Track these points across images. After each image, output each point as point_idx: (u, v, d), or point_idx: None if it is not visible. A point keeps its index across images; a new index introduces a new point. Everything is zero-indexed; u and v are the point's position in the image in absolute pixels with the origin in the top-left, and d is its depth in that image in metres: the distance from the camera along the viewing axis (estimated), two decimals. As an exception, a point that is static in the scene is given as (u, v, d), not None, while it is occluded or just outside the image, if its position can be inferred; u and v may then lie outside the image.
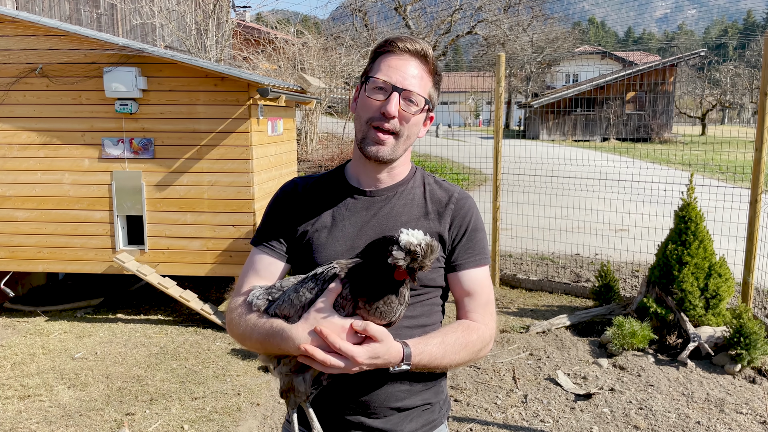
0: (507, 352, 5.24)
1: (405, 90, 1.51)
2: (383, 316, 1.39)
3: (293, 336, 1.38)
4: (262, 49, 15.85)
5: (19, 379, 4.71)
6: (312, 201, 1.65)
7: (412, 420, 1.60)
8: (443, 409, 1.70)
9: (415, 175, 1.68)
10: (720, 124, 42.90)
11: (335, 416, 1.58)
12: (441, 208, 1.62)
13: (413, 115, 1.54)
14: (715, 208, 6.38)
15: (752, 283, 5.40)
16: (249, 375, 4.82)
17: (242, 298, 1.56)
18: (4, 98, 5.84)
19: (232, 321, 1.55)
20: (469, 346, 1.53)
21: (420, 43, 1.55)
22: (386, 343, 1.38)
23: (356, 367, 1.36)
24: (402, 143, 1.57)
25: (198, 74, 5.74)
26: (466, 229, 1.61)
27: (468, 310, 1.61)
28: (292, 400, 1.48)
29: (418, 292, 1.57)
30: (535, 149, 10.51)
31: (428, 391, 1.63)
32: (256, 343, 1.49)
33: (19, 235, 6.02)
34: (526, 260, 8.06)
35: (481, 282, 1.62)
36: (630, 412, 4.18)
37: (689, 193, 5.28)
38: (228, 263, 5.91)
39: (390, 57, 1.54)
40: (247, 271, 1.64)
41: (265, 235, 1.65)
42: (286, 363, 1.46)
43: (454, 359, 1.50)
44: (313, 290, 1.42)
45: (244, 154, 5.78)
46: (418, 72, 1.54)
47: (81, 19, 10.34)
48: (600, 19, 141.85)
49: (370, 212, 1.60)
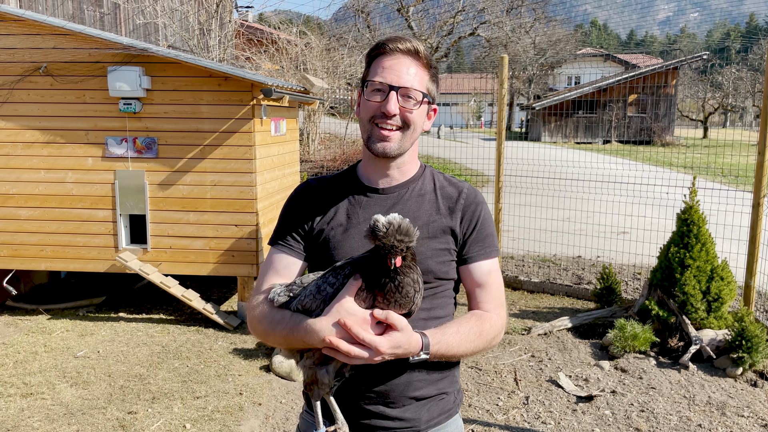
0: (509, 354, 5.24)
1: (401, 87, 1.57)
2: (402, 306, 1.43)
3: (317, 329, 1.42)
4: (265, 50, 15.87)
5: (22, 377, 4.72)
6: (327, 200, 1.70)
7: (429, 409, 1.65)
8: (457, 399, 1.75)
9: (424, 173, 1.74)
10: (722, 127, 42.89)
11: (355, 406, 1.62)
12: (452, 203, 1.68)
13: (413, 109, 1.59)
14: (718, 211, 6.38)
15: (754, 286, 5.39)
16: (251, 374, 4.83)
17: (263, 296, 1.61)
18: (8, 97, 5.85)
19: (254, 318, 1.60)
20: (483, 334, 1.59)
21: (410, 41, 1.60)
22: (406, 333, 1.42)
23: (379, 356, 1.40)
24: (408, 136, 1.63)
25: (202, 74, 5.75)
26: (476, 223, 1.67)
27: (480, 301, 1.67)
28: (316, 392, 1.51)
29: (433, 285, 1.62)
30: (537, 151, 10.51)
31: (444, 380, 1.68)
32: (279, 338, 1.53)
33: (22, 234, 6.03)
34: (527, 262, 8.06)
35: (492, 273, 1.68)
36: (631, 414, 4.18)
37: (692, 196, 5.29)
38: (230, 263, 5.92)
39: (383, 59, 1.60)
40: (267, 270, 1.69)
41: (283, 235, 1.71)
42: (310, 356, 1.50)
43: (469, 347, 1.56)
44: (333, 284, 1.47)
45: (247, 154, 5.79)
46: (413, 68, 1.59)
47: (84, 18, 10.36)
48: (602, 22, 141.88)
49: (383, 209, 1.65)
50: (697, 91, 42.99)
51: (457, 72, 55.82)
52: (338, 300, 1.43)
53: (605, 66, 44.44)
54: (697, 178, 5.56)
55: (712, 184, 9.43)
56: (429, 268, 1.60)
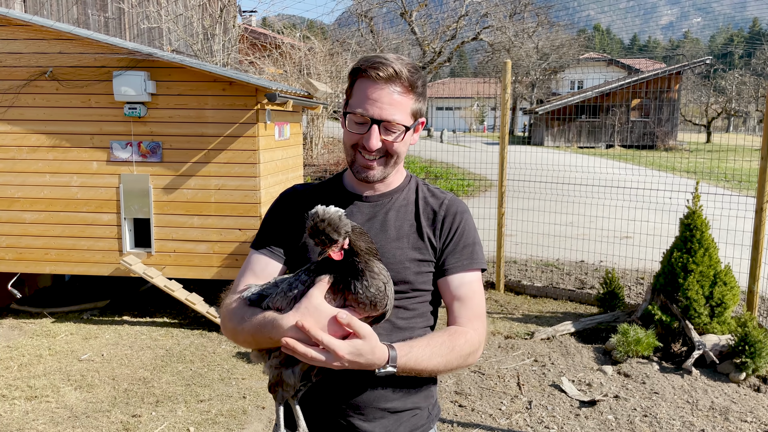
0: (511, 358, 5.25)
1: (383, 121, 1.54)
2: (374, 305, 1.40)
3: (282, 325, 1.40)
4: (269, 54, 15.92)
5: (26, 380, 4.74)
6: (310, 206, 1.69)
7: (401, 424, 1.62)
8: (432, 414, 1.72)
9: (409, 183, 1.74)
10: (725, 132, 42.82)
11: (324, 418, 1.60)
12: (432, 214, 1.67)
13: (394, 142, 1.57)
14: (721, 216, 6.38)
15: (757, 291, 5.40)
16: (254, 378, 4.84)
17: (237, 295, 1.60)
18: (14, 101, 5.89)
19: (225, 317, 1.58)
20: (456, 349, 1.52)
21: (391, 64, 1.54)
22: (370, 342, 1.37)
23: (337, 362, 1.36)
24: (391, 164, 1.62)
25: (206, 79, 5.78)
26: (453, 234, 1.64)
27: (457, 316, 1.61)
28: (279, 394, 1.49)
29: (409, 296, 1.61)
30: (540, 155, 10.52)
31: (418, 394, 1.65)
32: (248, 336, 1.50)
33: (27, 237, 6.06)
34: (530, 266, 8.07)
35: (470, 286, 1.63)
36: (634, 419, 4.18)
37: (695, 200, 5.29)
38: (234, 267, 5.94)
39: (365, 84, 1.55)
40: (244, 271, 1.68)
41: (264, 238, 1.71)
42: (276, 356, 1.47)
43: (440, 362, 1.50)
44: (305, 282, 1.45)
45: (252, 158, 5.82)
46: (396, 95, 1.55)
47: (89, 23, 10.41)
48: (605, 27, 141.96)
49: (365, 217, 1.65)
50: (700, 96, 42.95)
51: (460, 76, 55.85)
52: (307, 296, 1.41)
53: (608, 71, 44.42)
54: (700, 182, 5.56)
55: (715, 188, 9.42)
56: (407, 278, 1.59)
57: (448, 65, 26.72)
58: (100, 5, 10.93)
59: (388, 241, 1.62)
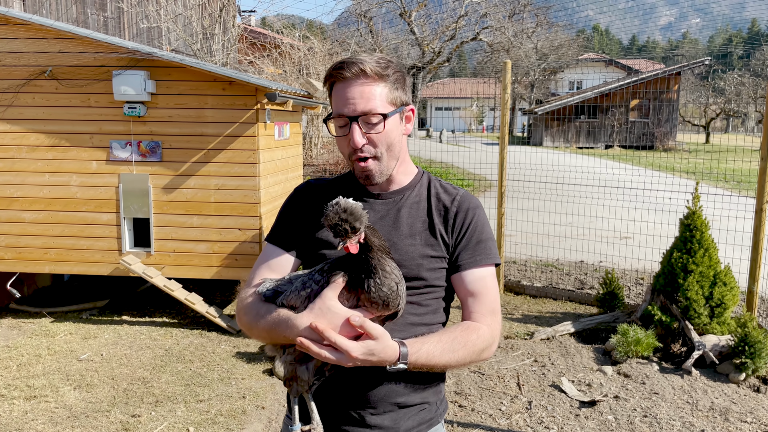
0: (511, 359, 5.25)
1: (360, 115, 1.56)
2: (386, 305, 1.42)
3: (297, 324, 1.43)
4: (268, 54, 15.91)
5: (25, 380, 4.73)
6: (324, 201, 1.70)
7: (410, 418, 1.64)
8: (440, 409, 1.73)
9: (422, 179, 1.75)
10: (724, 132, 42.87)
11: (336, 411, 1.62)
12: (444, 210, 1.68)
13: (378, 132, 1.58)
14: (720, 216, 6.38)
15: (757, 291, 5.40)
16: (254, 378, 4.83)
17: (252, 289, 1.62)
18: (13, 100, 5.88)
19: (241, 310, 1.61)
20: (468, 345, 1.54)
21: (357, 63, 1.56)
22: (382, 342, 1.40)
23: (351, 362, 1.39)
24: (386, 159, 1.63)
25: (206, 78, 5.78)
26: (466, 230, 1.65)
27: (471, 311, 1.62)
28: (294, 388, 1.52)
29: (422, 292, 1.61)
30: (539, 156, 10.53)
31: (427, 390, 1.67)
32: (263, 332, 1.53)
33: (26, 237, 6.05)
34: (530, 267, 8.07)
35: (484, 282, 1.64)
36: (634, 419, 4.18)
37: (694, 201, 5.29)
38: (234, 266, 5.94)
39: (338, 88, 1.58)
40: (259, 264, 1.70)
41: (279, 232, 1.73)
42: (291, 352, 1.50)
43: (453, 358, 1.51)
44: (319, 282, 1.47)
45: (251, 158, 5.81)
46: (365, 88, 1.56)
47: (88, 22, 10.40)
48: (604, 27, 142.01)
49: (377, 214, 1.66)
50: (699, 97, 42.97)
51: (460, 76, 55.87)
52: (321, 297, 1.43)
53: (607, 71, 44.46)
54: (700, 183, 5.56)
55: (714, 189, 9.43)
56: (420, 275, 1.60)
57: (447, 65, 26.75)
58: (100, 5, 10.92)
59: (401, 238, 1.63)
